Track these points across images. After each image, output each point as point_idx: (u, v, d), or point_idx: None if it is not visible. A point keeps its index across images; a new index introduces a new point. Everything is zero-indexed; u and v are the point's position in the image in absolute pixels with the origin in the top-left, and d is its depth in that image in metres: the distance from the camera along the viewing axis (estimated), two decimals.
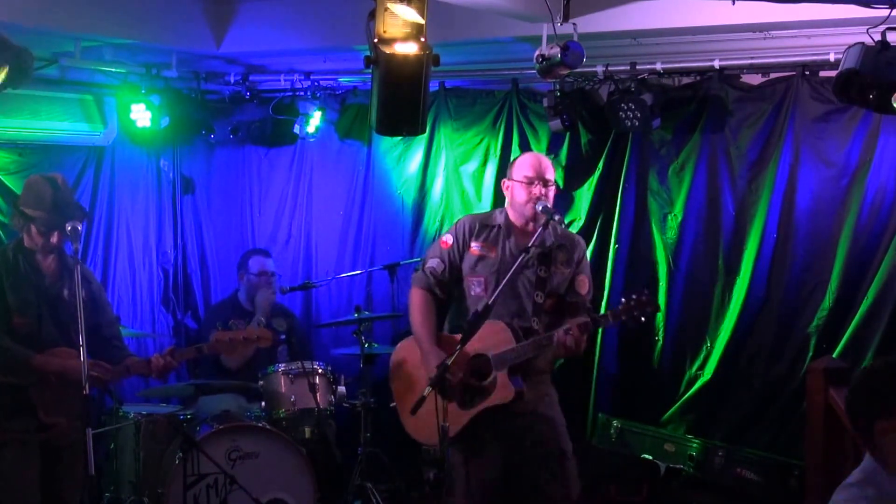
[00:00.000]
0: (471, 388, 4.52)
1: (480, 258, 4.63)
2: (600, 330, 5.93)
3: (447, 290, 4.70)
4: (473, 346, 4.46)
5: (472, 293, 4.61)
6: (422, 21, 3.72)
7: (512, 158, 5.19)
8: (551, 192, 4.61)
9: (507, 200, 4.74)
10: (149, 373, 4.62)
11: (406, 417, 4.62)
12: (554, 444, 4.62)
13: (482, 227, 4.68)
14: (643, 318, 4.44)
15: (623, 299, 4.44)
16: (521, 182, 4.60)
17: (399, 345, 4.85)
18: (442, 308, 4.75)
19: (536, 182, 4.56)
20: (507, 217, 4.69)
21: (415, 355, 4.63)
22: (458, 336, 4.44)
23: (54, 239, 4.47)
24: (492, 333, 4.50)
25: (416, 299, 4.70)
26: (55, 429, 4.39)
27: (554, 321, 4.59)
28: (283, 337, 6.21)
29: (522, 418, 4.58)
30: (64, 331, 4.44)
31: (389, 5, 3.65)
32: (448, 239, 4.70)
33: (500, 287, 4.43)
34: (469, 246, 4.66)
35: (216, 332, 4.91)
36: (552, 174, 4.66)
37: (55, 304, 4.48)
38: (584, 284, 4.69)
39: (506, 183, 4.72)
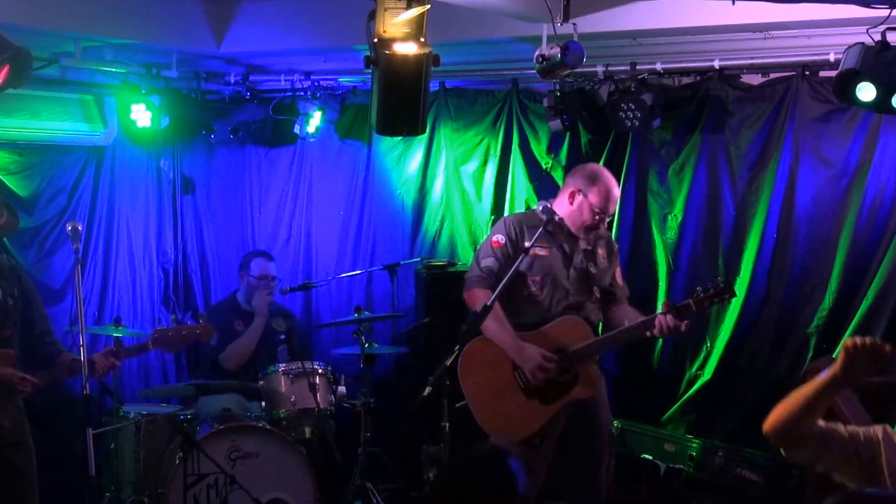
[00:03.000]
0: (552, 384, 4.65)
1: (535, 258, 4.75)
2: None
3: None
4: (550, 342, 4.65)
5: (527, 292, 4.75)
6: (422, 21, 3.72)
7: (587, 167, 5.09)
8: (608, 224, 4.93)
9: (561, 202, 4.84)
10: (93, 372, 4.55)
11: (487, 417, 4.70)
12: (607, 428, 4.90)
13: (531, 227, 4.77)
14: (720, 304, 4.68)
15: (699, 288, 4.58)
16: (594, 210, 4.73)
17: (467, 348, 4.73)
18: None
19: (604, 218, 4.78)
20: (554, 215, 4.77)
21: (488, 353, 4.69)
22: (530, 334, 4.67)
23: None
24: (570, 328, 4.68)
25: (481, 297, 4.68)
26: (0, 430, 4.32)
27: (604, 311, 4.84)
28: (282, 337, 6.20)
29: (587, 405, 4.74)
30: None
31: (390, 5, 3.66)
32: (500, 238, 4.80)
33: (499, 288, 4.49)
34: (523, 245, 4.72)
35: (156, 329, 4.92)
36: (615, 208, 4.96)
37: None
38: (620, 275, 5.01)
39: (576, 193, 4.79)
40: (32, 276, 5.79)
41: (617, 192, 4.95)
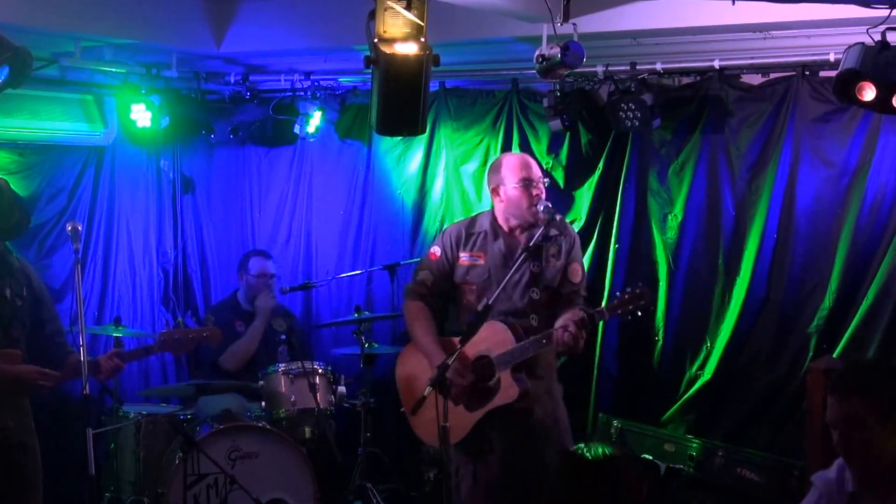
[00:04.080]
0: (476, 391, 4.56)
1: (471, 267, 4.72)
2: (600, 330, 5.94)
3: (441, 298, 4.79)
4: (475, 348, 4.52)
5: (465, 300, 4.71)
6: (422, 21, 3.72)
7: (490, 163, 5.15)
8: (543, 187, 4.69)
9: (496, 205, 4.78)
10: (98, 374, 4.54)
11: (415, 422, 4.69)
12: (558, 445, 4.64)
13: (468, 235, 4.76)
14: (639, 312, 4.47)
15: (618, 293, 4.52)
16: (518, 187, 4.64)
17: (400, 354, 4.96)
18: (439, 314, 4.82)
19: (534, 182, 4.60)
20: (492, 220, 4.75)
21: (419, 362, 4.67)
22: (458, 339, 4.47)
23: None
24: (492, 334, 4.54)
25: (412, 309, 4.81)
26: (4, 430, 4.30)
27: (551, 314, 4.64)
28: (283, 337, 6.21)
29: (529, 417, 4.61)
30: (7, 331, 4.34)
31: (390, 5, 3.66)
32: (436, 251, 4.80)
33: (500, 288, 4.47)
34: (458, 256, 4.74)
35: (162, 331, 4.90)
36: (539, 169, 4.77)
37: None
38: (576, 273, 4.75)
39: (497, 189, 4.74)
40: None
41: (524, 157, 4.85)
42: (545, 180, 4.73)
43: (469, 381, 4.54)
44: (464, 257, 4.74)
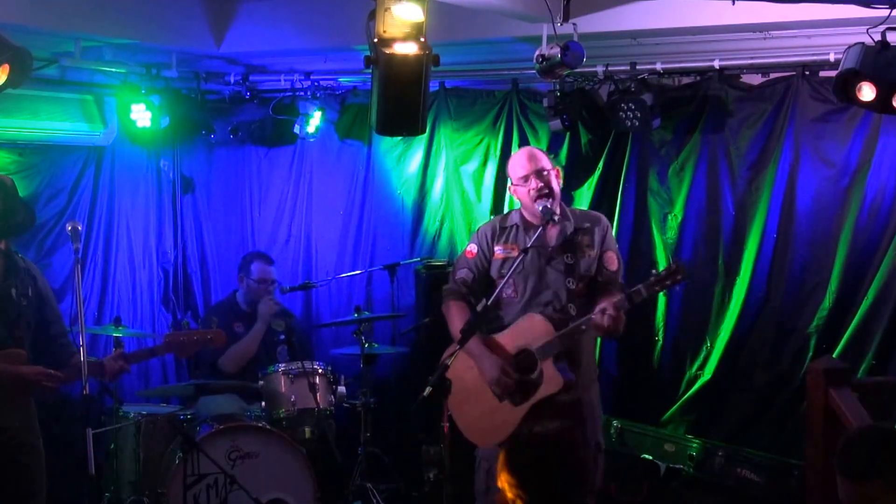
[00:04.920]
0: (520, 385, 4.58)
1: (505, 260, 4.72)
2: None
3: (479, 296, 4.74)
4: (515, 342, 4.59)
5: (504, 295, 4.68)
6: (422, 21, 3.73)
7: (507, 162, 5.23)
8: (552, 178, 4.70)
9: (517, 202, 4.86)
10: (102, 376, 4.55)
11: (465, 424, 4.69)
12: (593, 436, 4.71)
13: (501, 230, 4.80)
14: (675, 287, 4.54)
15: (654, 271, 4.50)
16: (519, 185, 4.70)
17: (444, 356, 4.83)
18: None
19: (532, 177, 4.63)
20: (521, 215, 4.80)
21: (462, 363, 4.59)
22: (498, 336, 4.59)
23: (2, 245, 4.38)
24: (531, 326, 4.60)
25: (453, 310, 4.76)
26: (8, 431, 4.30)
27: (589, 303, 4.66)
28: (282, 337, 6.20)
29: (569, 407, 4.62)
30: (11, 331, 4.34)
31: (390, 5, 3.66)
32: (472, 248, 4.82)
33: (498, 288, 4.51)
34: (493, 251, 4.77)
35: (167, 333, 4.89)
36: (547, 162, 4.75)
37: (3, 305, 4.35)
38: (612, 261, 4.77)
39: (510, 188, 4.86)
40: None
41: (525, 152, 4.83)
42: (551, 172, 4.72)
43: (515, 378, 4.56)
44: (498, 251, 4.76)
